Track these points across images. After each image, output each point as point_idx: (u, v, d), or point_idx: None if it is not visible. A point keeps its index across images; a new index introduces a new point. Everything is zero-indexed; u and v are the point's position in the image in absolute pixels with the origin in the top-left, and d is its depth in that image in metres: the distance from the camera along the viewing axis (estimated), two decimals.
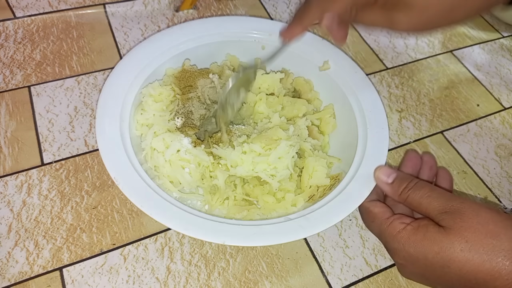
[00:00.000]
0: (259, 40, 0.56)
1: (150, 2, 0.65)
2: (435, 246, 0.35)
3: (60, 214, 0.45)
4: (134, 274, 0.43)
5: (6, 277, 0.41)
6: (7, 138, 0.50)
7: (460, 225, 0.35)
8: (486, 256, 0.33)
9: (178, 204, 0.41)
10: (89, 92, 0.55)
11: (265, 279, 0.44)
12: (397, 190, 0.41)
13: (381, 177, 0.42)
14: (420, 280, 0.39)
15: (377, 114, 0.50)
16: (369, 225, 0.43)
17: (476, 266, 0.33)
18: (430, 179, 0.46)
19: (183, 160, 0.45)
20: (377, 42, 0.68)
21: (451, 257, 0.34)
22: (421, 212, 0.39)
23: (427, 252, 0.35)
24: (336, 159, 0.50)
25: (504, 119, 0.61)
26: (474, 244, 0.34)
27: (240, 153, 0.45)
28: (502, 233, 0.34)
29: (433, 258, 0.35)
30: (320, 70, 0.55)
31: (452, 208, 0.36)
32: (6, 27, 0.60)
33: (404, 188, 0.40)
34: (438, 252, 0.35)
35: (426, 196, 0.38)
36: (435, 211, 0.37)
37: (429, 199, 0.38)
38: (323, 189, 0.46)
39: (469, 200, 0.37)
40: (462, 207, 0.36)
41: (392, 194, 0.41)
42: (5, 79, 0.55)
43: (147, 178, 0.42)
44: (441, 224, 0.36)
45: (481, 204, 0.36)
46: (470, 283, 0.34)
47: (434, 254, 0.35)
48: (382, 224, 0.40)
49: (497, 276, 0.32)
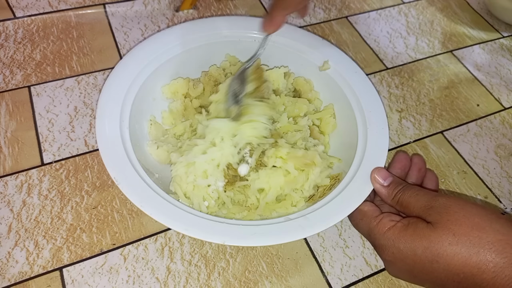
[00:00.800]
0: (259, 40, 0.56)
1: (150, 2, 0.65)
2: (424, 241, 0.35)
3: (60, 214, 0.45)
4: (134, 274, 0.43)
5: (6, 277, 0.41)
6: (7, 138, 0.50)
7: (447, 218, 0.35)
8: (473, 249, 0.33)
9: (178, 204, 0.41)
10: (89, 92, 0.55)
11: (265, 279, 0.44)
12: (391, 193, 0.41)
13: (378, 179, 0.43)
14: (408, 277, 0.40)
15: (377, 114, 0.50)
16: (357, 223, 0.43)
17: (464, 260, 0.33)
18: (419, 181, 0.46)
19: (207, 194, 0.45)
20: (377, 42, 0.68)
21: (439, 252, 0.34)
22: (410, 211, 0.39)
23: (416, 248, 0.36)
24: (336, 159, 0.50)
25: (504, 119, 0.61)
26: (461, 237, 0.34)
27: (270, 176, 0.45)
28: (488, 226, 0.34)
29: (422, 253, 0.35)
30: (320, 70, 0.55)
31: (438, 203, 0.37)
32: (6, 27, 0.60)
33: (398, 191, 0.41)
34: (427, 247, 0.35)
35: (414, 195, 0.39)
36: (422, 208, 0.38)
37: (417, 197, 0.39)
38: (323, 189, 0.46)
39: (455, 196, 0.37)
40: (448, 202, 0.37)
41: (386, 197, 0.42)
42: (5, 79, 0.55)
43: (147, 178, 0.42)
44: (429, 220, 0.37)
45: (466, 200, 0.37)
46: (458, 277, 0.34)
47: (423, 249, 0.35)
48: (371, 222, 0.40)
49: (484, 269, 0.33)
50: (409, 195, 0.39)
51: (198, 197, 0.44)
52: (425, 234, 0.36)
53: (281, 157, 0.45)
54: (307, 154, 0.45)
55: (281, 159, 0.45)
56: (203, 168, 0.45)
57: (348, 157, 0.48)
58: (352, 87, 0.52)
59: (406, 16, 0.73)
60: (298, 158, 0.45)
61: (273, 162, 0.45)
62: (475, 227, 0.34)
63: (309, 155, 0.45)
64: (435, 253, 0.35)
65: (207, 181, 0.45)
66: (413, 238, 0.36)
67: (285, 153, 0.45)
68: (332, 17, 0.70)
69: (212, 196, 0.45)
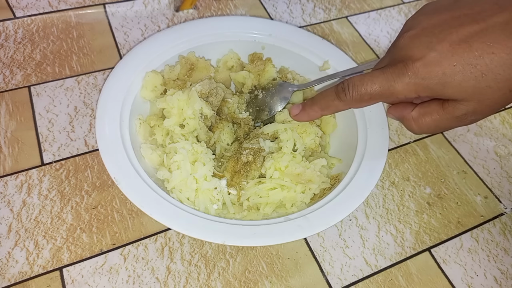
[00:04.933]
0: (259, 40, 0.56)
1: (150, 2, 0.65)
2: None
3: (60, 214, 0.45)
4: (134, 274, 0.43)
5: (6, 277, 0.41)
6: (7, 138, 0.50)
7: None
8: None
9: (178, 204, 0.41)
10: (89, 92, 0.55)
11: (265, 279, 0.44)
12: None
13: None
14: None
15: (377, 114, 0.50)
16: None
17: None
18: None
19: (213, 197, 0.45)
20: (377, 42, 0.68)
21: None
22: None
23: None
24: (337, 159, 0.50)
25: (504, 119, 0.61)
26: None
27: (268, 190, 0.45)
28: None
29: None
30: (320, 70, 0.55)
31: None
32: (6, 27, 0.60)
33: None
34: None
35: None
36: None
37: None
38: (323, 189, 0.46)
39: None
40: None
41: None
42: (5, 79, 0.55)
43: (147, 178, 0.42)
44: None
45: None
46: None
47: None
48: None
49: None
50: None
51: (204, 201, 0.44)
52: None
53: (279, 168, 0.45)
54: (305, 173, 0.45)
55: (279, 171, 0.45)
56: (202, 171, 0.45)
57: (348, 157, 0.48)
58: None
59: (406, 16, 0.72)
60: (295, 176, 0.45)
61: (270, 174, 0.45)
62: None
63: (307, 174, 0.45)
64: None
65: (211, 184, 0.45)
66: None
67: (284, 166, 0.45)
68: (332, 17, 0.70)
69: (218, 198, 0.45)
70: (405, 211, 0.50)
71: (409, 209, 0.51)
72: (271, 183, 0.45)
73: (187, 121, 0.46)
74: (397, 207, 0.50)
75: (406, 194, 0.52)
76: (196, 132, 0.48)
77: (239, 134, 0.50)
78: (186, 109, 0.46)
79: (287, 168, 0.45)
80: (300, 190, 0.45)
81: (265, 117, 0.52)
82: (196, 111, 0.46)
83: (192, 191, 0.44)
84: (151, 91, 0.50)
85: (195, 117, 0.46)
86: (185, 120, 0.47)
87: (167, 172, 0.44)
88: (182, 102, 0.46)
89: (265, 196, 0.44)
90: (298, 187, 0.44)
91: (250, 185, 0.45)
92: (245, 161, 0.46)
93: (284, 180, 0.45)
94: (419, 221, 0.50)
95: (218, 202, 0.45)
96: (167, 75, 0.51)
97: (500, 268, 0.47)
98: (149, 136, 0.49)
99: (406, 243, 0.48)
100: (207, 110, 0.47)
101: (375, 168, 0.45)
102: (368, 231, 0.48)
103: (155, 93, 0.50)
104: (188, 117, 0.46)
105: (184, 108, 0.46)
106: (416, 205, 0.51)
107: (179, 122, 0.47)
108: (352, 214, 0.49)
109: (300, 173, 0.44)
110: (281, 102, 0.51)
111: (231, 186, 0.46)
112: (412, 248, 0.48)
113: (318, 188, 0.46)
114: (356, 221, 0.49)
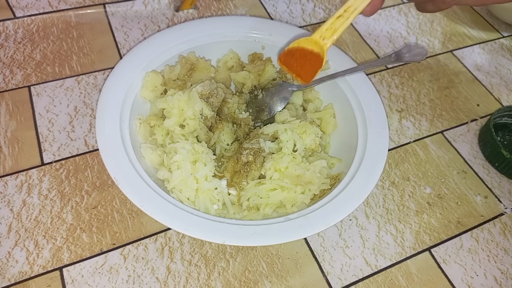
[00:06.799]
0: (259, 40, 0.56)
1: (150, 2, 0.65)
2: None
3: (60, 214, 0.45)
4: (134, 274, 0.43)
5: (6, 277, 0.41)
6: (7, 138, 0.50)
7: None
8: None
9: (178, 204, 0.41)
10: (89, 92, 0.55)
11: (265, 279, 0.44)
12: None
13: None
14: None
15: (377, 114, 0.50)
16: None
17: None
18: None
19: (213, 197, 0.45)
20: (377, 42, 0.68)
21: None
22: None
23: None
24: (337, 159, 0.50)
25: None
26: None
27: (269, 191, 0.45)
28: None
29: None
30: (320, 70, 0.54)
31: None
32: (6, 27, 0.60)
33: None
34: None
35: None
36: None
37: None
38: (323, 190, 0.46)
39: None
40: None
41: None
42: (5, 79, 0.55)
43: (147, 178, 0.42)
44: None
45: None
46: None
47: None
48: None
49: None
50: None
51: (206, 199, 0.44)
52: None
53: (279, 169, 0.45)
54: (305, 174, 0.45)
55: (279, 173, 0.45)
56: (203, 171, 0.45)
57: (348, 157, 0.48)
58: (352, 87, 0.52)
59: (406, 16, 0.73)
60: (295, 178, 0.45)
61: (270, 175, 0.45)
62: None
63: (306, 176, 0.45)
64: None
65: (212, 184, 0.44)
66: None
67: (284, 167, 0.45)
68: None
69: (218, 198, 0.45)
70: (405, 211, 0.50)
71: (409, 209, 0.51)
72: (271, 184, 0.45)
73: (187, 122, 0.47)
74: (397, 207, 0.50)
75: (406, 194, 0.52)
76: (196, 132, 0.48)
77: (239, 134, 0.50)
78: (186, 110, 0.46)
79: (287, 170, 0.45)
80: (300, 191, 0.45)
81: (265, 117, 0.52)
82: (196, 111, 0.46)
83: (192, 191, 0.44)
84: (151, 91, 0.50)
85: (195, 117, 0.46)
86: (185, 121, 0.47)
87: (167, 172, 0.44)
88: (182, 102, 0.46)
89: (265, 197, 0.44)
90: (298, 188, 0.44)
91: (250, 186, 0.45)
92: (245, 161, 0.46)
93: (284, 181, 0.45)
94: (419, 221, 0.50)
95: (218, 202, 0.45)
96: (167, 75, 0.51)
97: (500, 268, 0.47)
98: (149, 136, 0.49)
99: (406, 243, 0.48)
100: (207, 111, 0.47)
101: (375, 168, 0.45)
102: (368, 231, 0.48)
103: (155, 93, 0.50)
104: (188, 117, 0.46)
105: (184, 109, 0.46)
106: (416, 205, 0.51)
107: (179, 122, 0.47)
108: (352, 214, 0.49)
109: (300, 175, 0.44)
110: (281, 102, 0.51)
111: (231, 187, 0.46)
112: (412, 248, 0.48)
113: (318, 189, 0.46)
114: (356, 221, 0.49)
